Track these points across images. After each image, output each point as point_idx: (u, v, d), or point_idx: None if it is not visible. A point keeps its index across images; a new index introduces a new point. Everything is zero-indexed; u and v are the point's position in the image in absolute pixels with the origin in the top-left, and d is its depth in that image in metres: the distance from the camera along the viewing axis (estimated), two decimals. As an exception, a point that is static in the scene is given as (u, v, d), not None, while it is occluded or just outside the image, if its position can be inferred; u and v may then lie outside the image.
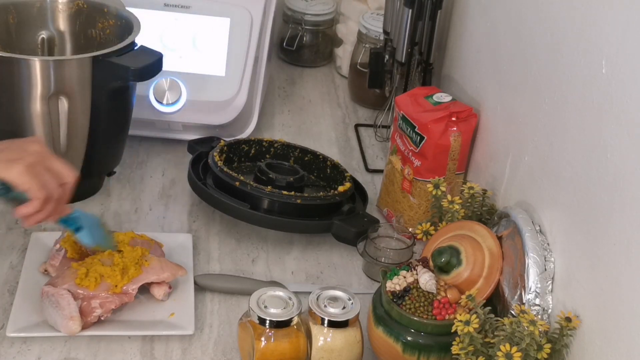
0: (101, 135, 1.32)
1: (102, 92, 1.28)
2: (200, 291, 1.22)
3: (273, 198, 1.29)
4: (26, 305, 1.14)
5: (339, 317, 1.07)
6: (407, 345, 1.06)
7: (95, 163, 1.35)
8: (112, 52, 1.26)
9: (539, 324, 0.98)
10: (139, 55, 1.29)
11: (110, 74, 1.26)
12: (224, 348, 1.14)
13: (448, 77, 1.52)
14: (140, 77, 1.29)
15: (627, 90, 0.90)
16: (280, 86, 1.83)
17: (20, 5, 1.40)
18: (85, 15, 1.42)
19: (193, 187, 1.36)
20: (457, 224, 1.19)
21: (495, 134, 1.28)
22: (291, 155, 1.47)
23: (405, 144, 1.33)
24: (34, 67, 1.23)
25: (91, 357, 1.10)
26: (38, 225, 1.32)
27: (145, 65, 1.27)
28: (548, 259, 1.06)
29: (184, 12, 1.51)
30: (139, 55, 1.28)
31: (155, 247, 1.22)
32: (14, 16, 1.39)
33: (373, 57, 1.59)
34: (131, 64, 1.26)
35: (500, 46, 1.28)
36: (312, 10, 1.88)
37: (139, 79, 1.30)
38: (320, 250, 1.34)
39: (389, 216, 1.40)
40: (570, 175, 1.03)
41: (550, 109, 1.09)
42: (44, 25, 1.42)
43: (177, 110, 1.51)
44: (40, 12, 1.41)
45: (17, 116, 1.26)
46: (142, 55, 1.29)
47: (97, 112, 1.29)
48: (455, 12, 1.50)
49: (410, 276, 1.09)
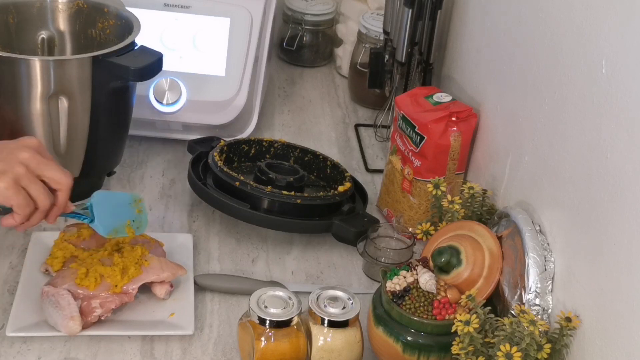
0: (101, 135, 1.32)
1: (102, 92, 1.28)
2: (200, 291, 1.22)
3: (273, 198, 1.29)
4: (26, 305, 1.14)
5: (339, 317, 1.07)
6: (407, 345, 1.06)
7: (95, 163, 1.35)
8: (112, 52, 1.26)
9: (539, 324, 0.98)
10: (139, 55, 1.28)
11: (110, 74, 1.26)
12: (224, 348, 1.14)
13: (448, 77, 1.52)
14: (140, 77, 1.29)
15: (627, 90, 0.90)
16: (280, 86, 1.83)
17: (21, 5, 1.39)
18: (85, 15, 1.42)
19: (193, 187, 1.36)
20: (457, 224, 1.19)
21: (495, 134, 1.28)
22: (291, 155, 1.47)
23: (405, 144, 1.33)
24: (34, 67, 1.22)
25: (91, 357, 1.10)
26: (38, 225, 1.32)
27: (145, 65, 1.27)
28: (548, 259, 1.06)
29: (184, 12, 1.51)
30: (139, 55, 1.28)
31: (155, 246, 1.22)
32: (14, 16, 1.39)
33: (373, 57, 1.59)
34: (131, 64, 1.25)
35: (500, 46, 1.28)
36: (312, 10, 1.88)
37: (139, 79, 1.30)
38: (320, 250, 1.34)
39: (389, 216, 1.40)
40: (570, 175, 1.03)
41: (550, 109, 1.09)
42: (44, 25, 1.42)
43: (177, 110, 1.51)
44: (40, 12, 1.41)
45: (17, 116, 1.26)
46: (142, 55, 1.29)
47: (97, 112, 1.29)
48: (455, 12, 1.50)
49: (410, 276, 1.10)
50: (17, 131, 1.27)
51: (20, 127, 1.27)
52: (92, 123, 1.30)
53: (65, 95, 1.25)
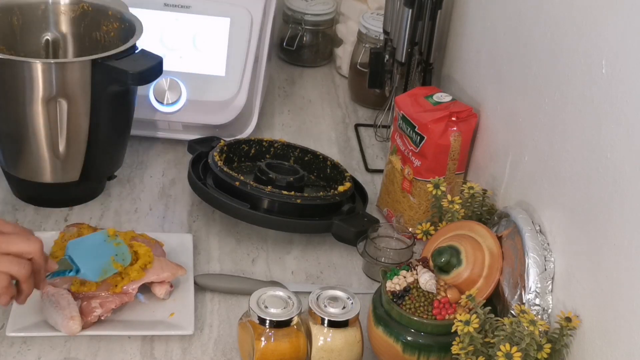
0: (101, 139, 1.32)
1: (102, 95, 1.27)
2: (200, 291, 1.22)
3: (273, 198, 1.29)
4: (26, 305, 1.13)
5: (339, 317, 1.07)
6: (407, 345, 1.06)
7: (95, 166, 1.34)
8: (111, 56, 1.26)
9: (539, 323, 0.98)
10: (139, 59, 1.28)
11: (109, 78, 1.25)
12: (224, 348, 1.14)
13: (448, 77, 1.52)
14: (139, 81, 1.28)
15: (627, 90, 0.90)
16: (280, 86, 1.83)
17: (25, 7, 1.39)
18: (89, 17, 1.41)
19: (193, 187, 1.36)
20: (457, 223, 1.19)
21: (495, 134, 1.28)
22: (291, 155, 1.47)
23: (405, 144, 1.33)
24: (36, 69, 1.22)
25: (91, 357, 1.10)
26: (38, 225, 1.33)
27: (144, 70, 1.26)
28: (548, 258, 1.06)
29: (184, 12, 1.51)
30: (139, 59, 1.28)
31: (156, 246, 1.22)
32: (19, 18, 1.39)
33: (373, 57, 1.59)
34: (130, 68, 1.25)
35: (500, 46, 1.28)
36: (312, 10, 1.88)
37: (138, 82, 1.29)
38: (320, 250, 1.34)
39: (389, 216, 1.40)
40: (570, 175, 1.03)
41: (550, 109, 1.09)
42: (48, 27, 1.41)
43: (177, 110, 1.51)
44: (44, 14, 1.41)
45: (17, 118, 1.26)
46: (142, 59, 1.28)
47: (96, 115, 1.29)
48: (455, 12, 1.50)
49: (410, 276, 1.10)
50: (18, 133, 1.27)
51: (21, 130, 1.27)
52: (91, 126, 1.29)
53: (66, 97, 1.25)
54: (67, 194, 1.36)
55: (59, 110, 1.25)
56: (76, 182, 1.34)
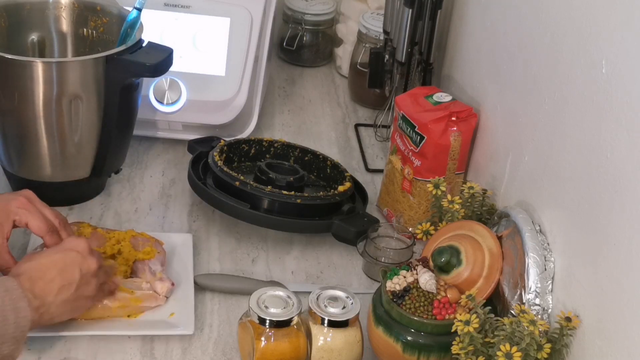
0: (112, 134, 1.32)
1: (114, 91, 1.28)
2: (200, 291, 1.22)
3: (273, 198, 1.29)
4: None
5: (339, 317, 1.07)
6: (407, 345, 1.06)
7: (105, 162, 1.35)
8: (125, 50, 1.27)
9: (539, 323, 0.98)
10: (151, 51, 1.29)
11: (125, 72, 1.27)
12: (224, 348, 1.14)
13: (448, 77, 1.52)
14: (155, 73, 1.30)
15: (627, 90, 0.90)
16: (280, 86, 1.83)
17: (11, 8, 1.39)
18: (77, 14, 1.41)
19: (193, 187, 1.36)
20: (457, 223, 1.19)
21: (495, 134, 1.28)
22: (291, 155, 1.47)
23: (405, 144, 1.34)
24: (47, 69, 1.22)
25: (91, 357, 1.10)
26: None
27: (159, 62, 1.28)
28: (548, 258, 1.06)
29: (184, 11, 1.51)
30: (151, 52, 1.29)
31: (155, 244, 1.22)
32: (5, 19, 1.38)
33: (373, 57, 1.59)
34: (146, 60, 1.26)
35: (500, 46, 1.28)
36: (312, 10, 1.88)
37: (154, 74, 1.31)
38: (320, 250, 1.34)
39: (389, 216, 1.40)
40: (570, 175, 1.03)
41: (550, 109, 1.10)
42: (35, 27, 1.41)
43: (177, 110, 1.51)
44: (30, 14, 1.40)
45: (29, 119, 1.26)
46: (154, 51, 1.30)
47: (108, 111, 1.29)
48: (455, 12, 1.50)
49: (410, 276, 1.10)
50: (29, 134, 1.27)
51: (33, 130, 1.27)
52: (103, 122, 1.30)
53: (79, 95, 1.25)
54: (71, 192, 1.36)
55: (73, 108, 1.25)
56: (84, 179, 1.34)
